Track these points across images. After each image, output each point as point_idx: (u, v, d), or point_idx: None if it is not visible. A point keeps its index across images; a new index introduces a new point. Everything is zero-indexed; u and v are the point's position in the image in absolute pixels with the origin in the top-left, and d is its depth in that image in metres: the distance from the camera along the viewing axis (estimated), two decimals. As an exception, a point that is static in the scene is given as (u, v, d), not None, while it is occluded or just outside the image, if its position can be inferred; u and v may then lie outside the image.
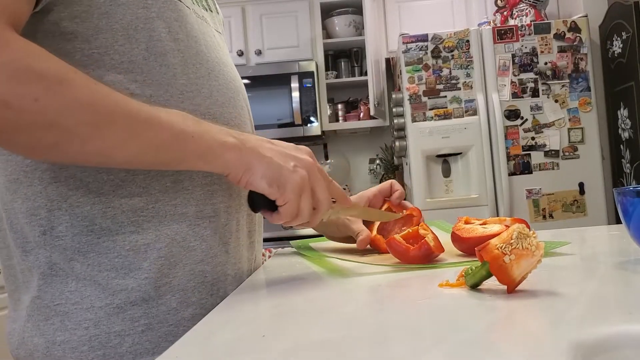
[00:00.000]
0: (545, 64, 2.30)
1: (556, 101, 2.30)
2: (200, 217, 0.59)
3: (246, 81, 2.78)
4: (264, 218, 0.73)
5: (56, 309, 0.53)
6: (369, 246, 0.76)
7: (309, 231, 2.44)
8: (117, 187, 0.54)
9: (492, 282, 0.48)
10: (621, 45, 2.39)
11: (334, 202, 0.64)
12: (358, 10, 2.86)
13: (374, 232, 0.77)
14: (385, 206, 0.81)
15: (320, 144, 3.14)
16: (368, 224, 0.80)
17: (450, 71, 2.33)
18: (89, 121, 0.46)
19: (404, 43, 2.35)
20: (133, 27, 0.55)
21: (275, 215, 0.58)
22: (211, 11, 0.71)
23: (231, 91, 0.65)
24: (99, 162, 0.50)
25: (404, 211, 0.78)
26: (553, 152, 2.30)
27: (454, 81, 2.33)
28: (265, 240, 2.47)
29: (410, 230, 0.69)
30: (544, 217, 2.29)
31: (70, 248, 0.53)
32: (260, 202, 0.58)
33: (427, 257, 0.63)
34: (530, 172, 2.30)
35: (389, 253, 0.75)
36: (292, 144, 0.60)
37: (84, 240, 0.53)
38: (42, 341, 0.54)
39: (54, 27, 0.52)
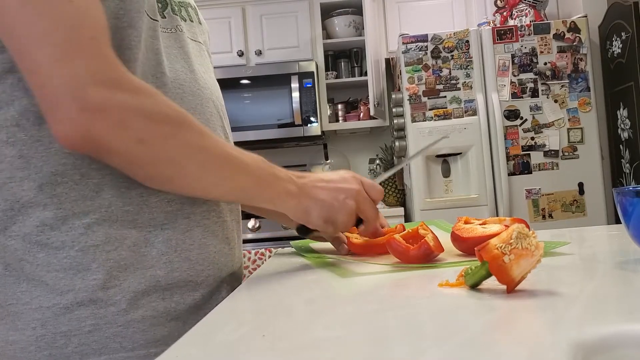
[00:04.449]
0: (545, 64, 2.30)
1: (556, 101, 2.30)
2: (152, 225, 0.59)
3: (246, 81, 2.78)
4: (241, 220, 0.76)
5: (8, 308, 0.54)
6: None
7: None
8: (70, 190, 0.55)
9: (491, 282, 0.48)
10: (621, 46, 2.39)
11: None
12: (358, 10, 2.86)
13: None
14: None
15: (320, 144, 3.14)
16: None
17: (450, 71, 2.33)
18: (199, 162, 0.55)
19: (403, 43, 2.35)
20: None
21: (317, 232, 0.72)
22: (192, 21, 0.72)
23: (199, 98, 0.66)
24: (200, 195, 0.61)
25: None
26: (552, 152, 2.30)
27: (453, 81, 2.33)
28: (265, 240, 2.47)
29: (410, 230, 0.69)
30: (544, 217, 2.29)
31: (21, 248, 0.54)
32: (306, 228, 0.70)
33: (427, 257, 0.63)
34: (530, 172, 2.30)
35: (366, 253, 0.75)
36: (341, 173, 0.70)
37: (34, 241, 0.54)
38: None
39: None
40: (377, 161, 3.08)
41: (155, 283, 0.58)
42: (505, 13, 2.65)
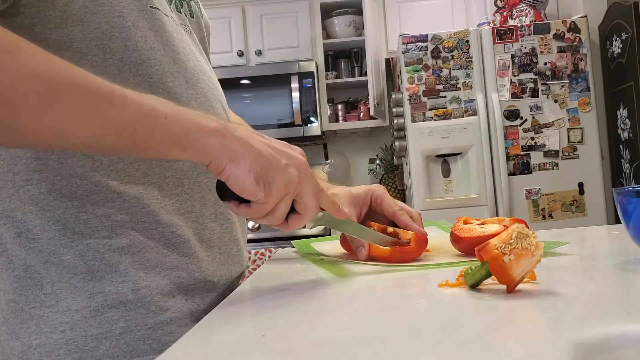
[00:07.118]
0: (545, 64, 2.30)
1: (556, 101, 2.30)
2: (171, 225, 0.59)
3: (246, 81, 2.78)
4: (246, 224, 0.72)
5: (31, 312, 0.53)
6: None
7: (311, 231, 2.44)
8: (91, 192, 0.54)
9: (491, 282, 0.48)
10: (621, 46, 2.39)
11: (322, 210, 0.59)
12: (358, 10, 2.86)
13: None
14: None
15: (320, 144, 3.14)
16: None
17: (449, 71, 2.33)
18: (40, 93, 0.40)
19: (403, 43, 2.35)
20: (108, 37, 0.54)
21: (243, 208, 0.51)
22: (192, 17, 0.70)
23: (209, 100, 0.65)
24: (55, 143, 0.44)
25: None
26: (552, 152, 2.30)
27: (453, 81, 2.33)
28: (265, 240, 2.47)
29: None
30: (544, 217, 2.29)
31: (45, 250, 0.53)
32: (230, 192, 0.50)
33: (402, 250, 0.65)
34: (530, 172, 2.30)
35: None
36: (285, 142, 0.54)
37: (58, 244, 0.53)
38: (17, 345, 0.53)
39: (26, 33, 0.50)
40: (377, 161, 3.08)
41: (179, 284, 0.58)
42: (505, 13, 2.65)
